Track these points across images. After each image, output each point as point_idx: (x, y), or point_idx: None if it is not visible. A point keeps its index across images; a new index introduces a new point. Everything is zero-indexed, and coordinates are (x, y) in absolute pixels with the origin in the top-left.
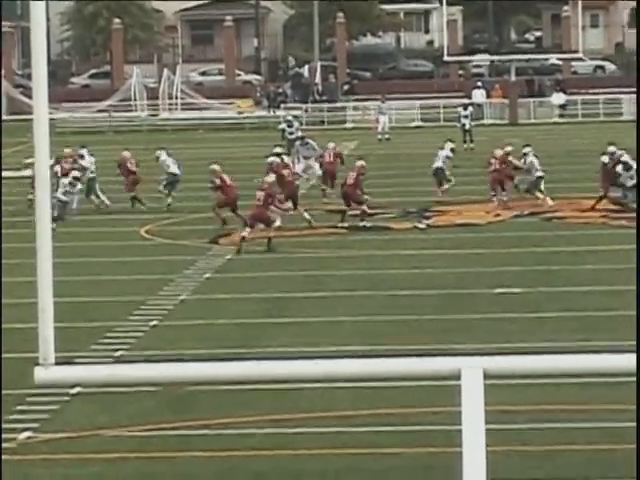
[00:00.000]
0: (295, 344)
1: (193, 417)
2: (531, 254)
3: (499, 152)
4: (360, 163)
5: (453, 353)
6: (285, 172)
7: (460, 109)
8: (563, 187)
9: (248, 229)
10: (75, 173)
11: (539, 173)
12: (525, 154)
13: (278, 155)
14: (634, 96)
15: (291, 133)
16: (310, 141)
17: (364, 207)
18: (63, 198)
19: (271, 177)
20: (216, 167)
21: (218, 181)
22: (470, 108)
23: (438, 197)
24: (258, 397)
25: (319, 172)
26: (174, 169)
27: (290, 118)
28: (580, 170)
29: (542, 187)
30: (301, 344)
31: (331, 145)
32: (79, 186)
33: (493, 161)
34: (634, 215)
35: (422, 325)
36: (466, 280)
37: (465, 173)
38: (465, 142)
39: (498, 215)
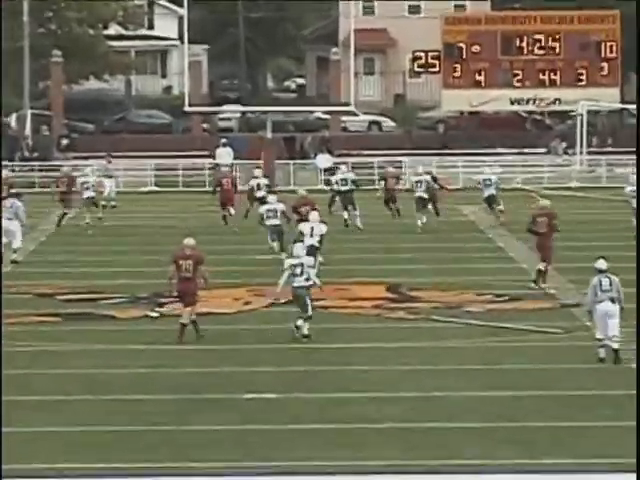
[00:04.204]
0: None
1: None
2: (288, 351)
3: None
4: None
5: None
6: None
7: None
8: (329, 269)
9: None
10: None
11: None
12: None
13: None
14: (416, 158)
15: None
16: (16, 202)
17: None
18: None
19: None
20: None
21: None
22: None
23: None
24: None
25: (19, 243)
26: None
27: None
28: (354, 249)
29: None
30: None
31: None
32: None
33: None
34: (413, 305)
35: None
36: (210, 382)
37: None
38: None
39: (249, 303)
